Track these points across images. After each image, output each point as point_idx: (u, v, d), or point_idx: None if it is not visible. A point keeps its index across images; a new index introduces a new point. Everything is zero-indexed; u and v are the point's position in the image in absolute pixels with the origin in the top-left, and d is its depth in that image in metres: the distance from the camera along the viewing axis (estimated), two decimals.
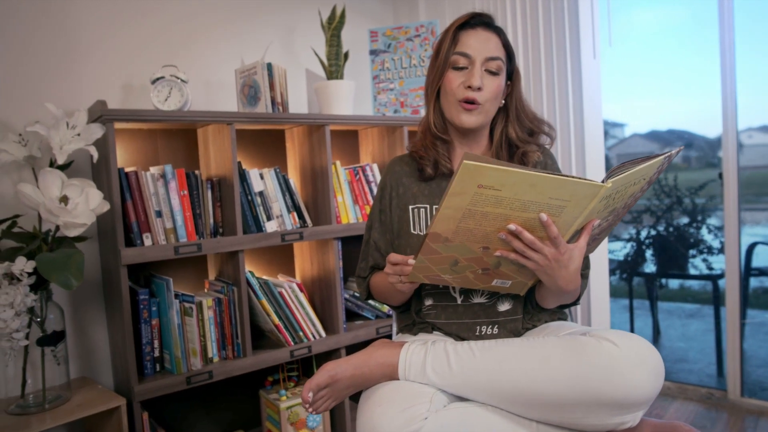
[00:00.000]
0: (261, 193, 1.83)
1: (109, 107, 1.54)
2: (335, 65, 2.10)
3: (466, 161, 0.82)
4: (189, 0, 1.97)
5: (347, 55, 2.14)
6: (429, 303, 1.19)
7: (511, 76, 1.20)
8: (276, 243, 1.81)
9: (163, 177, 1.65)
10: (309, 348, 1.86)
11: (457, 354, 1.03)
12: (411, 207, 1.22)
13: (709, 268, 3.09)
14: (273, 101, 1.87)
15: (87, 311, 1.75)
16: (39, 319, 1.46)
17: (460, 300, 1.17)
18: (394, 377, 1.06)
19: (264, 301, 1.79)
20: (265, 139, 2.07)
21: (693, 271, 3.24)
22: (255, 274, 1.83)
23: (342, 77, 2.12)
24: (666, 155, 0.93)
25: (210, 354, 1.70)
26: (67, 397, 1.51)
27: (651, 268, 3.33)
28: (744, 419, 2.05)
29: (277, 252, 2.11)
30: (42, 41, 1.68)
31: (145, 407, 1.65)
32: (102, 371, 1.78)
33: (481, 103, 1.14)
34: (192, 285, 1.92)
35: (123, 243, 1.54)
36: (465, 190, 0.86)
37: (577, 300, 1.18)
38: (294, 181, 1.94)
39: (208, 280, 1.91)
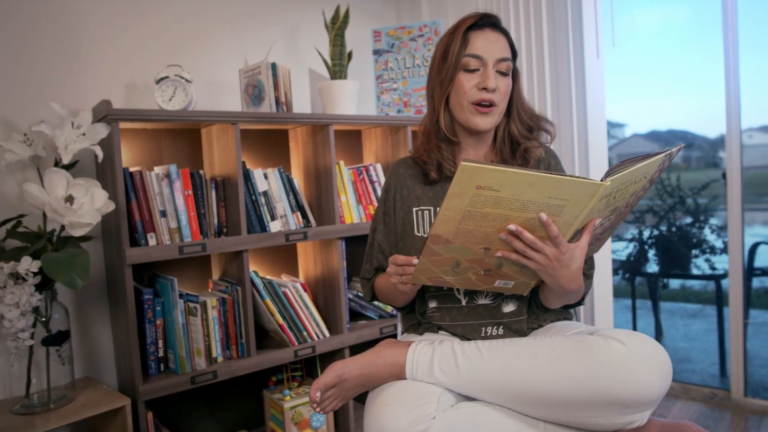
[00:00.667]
0: (265, 193, 1.83)
1: (114, 107, 1.54)
2: (339, 65, 2.10)
3: (463, 162, 0.83)
4: (192, 0, 1.98)
5: (351, 55, 2.14)
6: (433, 305, 1.19)
7: (513, 74, 1.21)
8: (280, 243, 1.81)
9: (168, 177, 1.65)
10: (313, 348, 1.86)
11: (465, 354, 1.03)
12: (415, 209, 1.22)
13: (712, 268, 3.08)
14: (277, 101, 1.87)
15: (91, 311, 1.75)
16: (44, 319, 1.46)
17: (464, 302, 1.17)
18: (401, 377, 1.06)
19: (268, 301, 1.79)
20: (269, 139, 2.07)
21: (695, 271, 3.24)
22: (259, 273, 1.83)
23: (346, 77, 2.12)
24: (666, 153, 0.92)
25: (214, 354, 1.70)
26: (72, 397, 1.51)
27: (653, 268, 3.33)
28: (747, 419, 2.05)
29: (281, 252, 2.11)
30: (46, 41, 1.68)
31: (150, 407, 1.65)
32: (106, 371, 1.77)
33: (497, 104, 1.15)
34: (196, 285, 1.92)
35: (127, 243, 1.54)
36: (464, 191, 0.86)
37: (582, 300, 1.17)
38: (298, 181, 1.94)
39: (212, 279, 1.91)
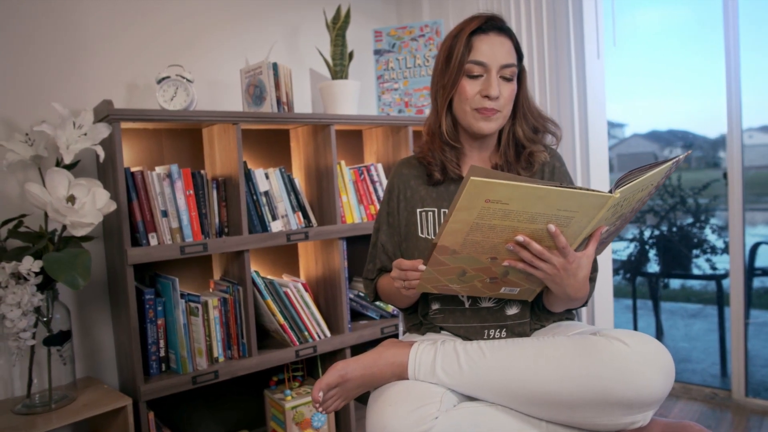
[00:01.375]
0: (266, 193, 1.83)
1: (115, 107, 1.54)
2: (340, 65, 2.10)
3: (473, 178, 0.81)
4: (193, 0, 1.98)
5: (352, 55, 2.14)
6: (436, 307, 1.19)
7: (520, 75, 1.20)
8: (281, 243, 1.81)
9: (169, 177, 1.65)
10: (314, 348, 1.85)
11: (467, 354, 1.03)
12: (419, 210, 1.22)
13: (713, 268, 3.08)
14: (278, 101, 1.87)
15: (92, 311, 1.75)
16: (45, 319, 1.46)
17: (467, 304, 1.16)
18: (403, 377, 1.06)
19: (269, 301, 1.79)
20: (270, 139, 2.07)
21: (696, 271, 3.24)
22: (260, 273, 1.83)
23: (347, 77, 2.12)
24: (674, 160, 0.92)
25: (215, 354, 1.70)
26: (73, 397, 1.51)
27: (654, 268, 3.33)
28: (748, 419, 2.05)
29: (282, 252, 2.10)
30: (47, 41, 1.68)
31: (151, 407, 1.65)
32: (107, 371, 1.77)
33: (500, 110, 1.14)
34: (197, 285, 1.92)
35: (129, 243, 1.54)
36: (472, 204, 0.85)
37: (585, 303, 1.17)
38: (299, 181, 1.94)
39: (213, 279, 1.91)
